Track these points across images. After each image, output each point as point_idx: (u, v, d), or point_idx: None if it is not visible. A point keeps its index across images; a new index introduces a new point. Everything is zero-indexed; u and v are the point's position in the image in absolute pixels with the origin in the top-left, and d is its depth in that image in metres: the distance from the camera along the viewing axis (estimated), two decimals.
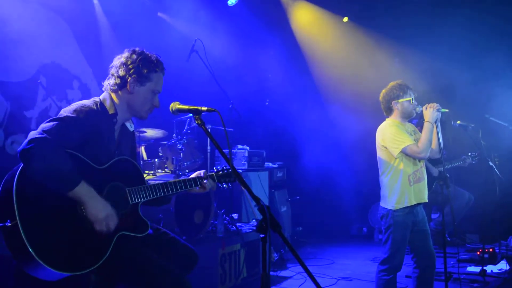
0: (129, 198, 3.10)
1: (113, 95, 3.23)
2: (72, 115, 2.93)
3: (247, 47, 9.33)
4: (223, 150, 2.73)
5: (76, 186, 2.77)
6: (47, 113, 6.46)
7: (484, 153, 6.71)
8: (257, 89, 9.39)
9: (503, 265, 6.94)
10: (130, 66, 3.18)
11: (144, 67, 3.19)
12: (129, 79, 3.17)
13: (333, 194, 9.78)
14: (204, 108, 2.92)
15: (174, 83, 5.62)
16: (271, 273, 6.81)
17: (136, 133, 5.82)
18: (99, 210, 2.86)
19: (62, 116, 2.91)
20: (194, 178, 3.43)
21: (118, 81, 3.19)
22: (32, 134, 2.74)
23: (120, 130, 3.31)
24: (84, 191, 2.81)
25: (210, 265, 5.80)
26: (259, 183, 8.02)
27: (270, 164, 8.60)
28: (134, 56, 3.20)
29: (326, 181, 9.70)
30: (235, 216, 6.88)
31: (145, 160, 6.14)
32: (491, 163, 6.72)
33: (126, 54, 3.24)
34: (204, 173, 3.49)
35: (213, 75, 6.85)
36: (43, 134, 2.74)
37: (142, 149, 6.32)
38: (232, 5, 8.78)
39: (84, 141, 2.96)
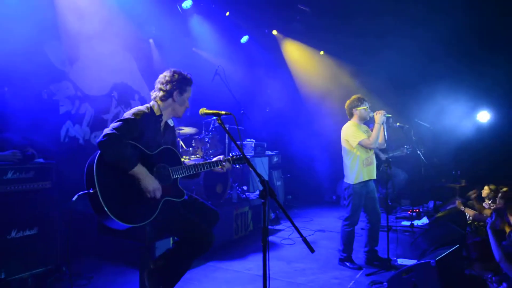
0: (171, 175, 3.12)
1: (159, 102, 3.24)
2: (132, 117, 2.97)
3: (255, 71, 9.34)
4: (237, 142, 2.77)
5: (135, 167, 2.83)
6: (118, 116, 6.50)
7: (414, 145, 6.74)
8: (261, 100, 9.39)
9: (425, 220, 7.03)
10: (174, 83, 3.21)
11: (183, 83, 3.23)
12: (174, 92, 3.21)
13: (313, 173, 9.80)
14: (223, 112, 2.94)
15: (203, 96, 5.65)
16: (269, 226, 6.89)
17: (176, 130, 5.87)
18: (150, 185, 2.89)
19: (126, 117, 2.95)
20: (216, 161, 3.43)
21: (165, 93, 3.21)
22: (106, 130, 2.79)
23: (164, 126, 3.32)
24: (139, 170, 2.86)
25: (227, 221, 5.88)
26: (262, 166, 8.05)
27: (269, 152, 8.62)
28: (176, 75, 3.23)
29: (309, 163, 9.73)
30: (245, 187, 6.92)
31: (183, 149, 6.18)
32: (418, 152, 6.74)
33: (169, 73, 3.25)
34: (223, 157, 3.51)
35: (230, 91, 6.88)
36: (113, 131, 2.78)
37: (181, 141, 6.37)
38: (244, 42, 8.81)
39: (140, 134, 2.99)
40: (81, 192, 2.77)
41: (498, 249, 3.79)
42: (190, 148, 6.14)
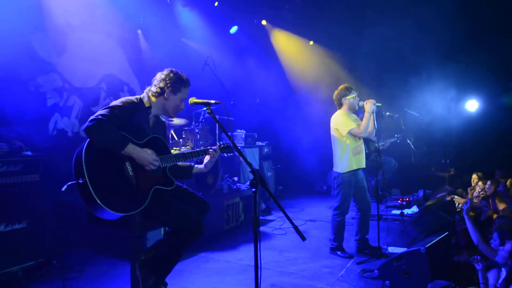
0: (160, 163, 3.09)
1: (152, 97, 3.20)
2: (119, 105, 2.95)
3: (244, 61, 9.29)
4: (227, 132, 2.76)
5: (126, 146, 2.83)
6: None
7: (404, 135, 6.79)
8: (250, 90, 9.35)
9: (414, 209, 7.09)
10: (168, 81, 3.16)
11: (177, 82, 3.18)
12: (166, 90, 3.17)
13: (303, 163, 9.79)
14: (212, 101, 2.96)
15: (192, 87, 5.61)
16: (260, 217, 6.91)
17: (167, 121, 5.83)
18: (145, 158, 2.91)
19: (113, 105, 2.93)
20: (201, 150, 3.42)
21: (158, 90, 3.16)
22: (91, 117, 2.78)
23: (154, 119, 3.29)
24: (132, 148, 2.87)
25: (219, 212, 5.89)
26: (252, 156, 8.02)
27: (260, 143, 8.58)
28: (172, 75, 3.18)
29: (299, 154, 9.73)
30: (235, 178, 6.91)
31: (173, 140, 6.16)
32: (408, 141, 6.81)
33: (165, 72, 3.21)
34: (210, 148, 3.50)
35: (219, 81, 6.83)
36: (99, 116, 2.77)
37: (172, 132, 6.34)
38: (233, 33, 8.75)
39: (127, 123, 2.95)
40: (70, 182, 2.75)
41: (476, 233, 3.88)
42: (181, 140, 6.11)
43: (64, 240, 4.34)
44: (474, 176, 6.60)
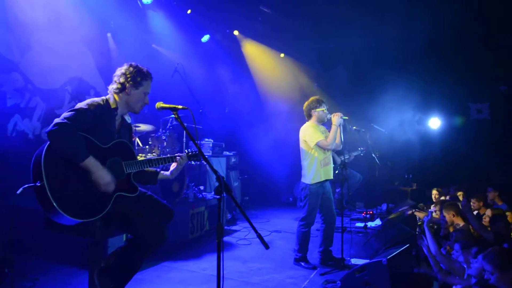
0: (124, 169, 3.01)
1: (115, 96, 3.11)
2: (85, 107, 2.84)
3: (215, 70, 9.28)
4: (194, 140, 2.72)
5: (86, 159, 2.69)
6: None
7: (369, 148, 6.92)
8: (220, 100, 9.34)
9: (377, 222, 7.22)
10: (128, 75, 3.07)
11: (138, 76, 3.09)
12: (127, 84, 3.07)
13: (270, 174, 9.79)
14: (179, 107, 2.88)
15: (161, 93, 5.52)
16: (225, 227, 6.85)
17: (133, 127, 5.70)
18: (101, 178, 2.77)
19: (78, 107, 2.82)
20: (168, 157, 3.32)
21: (119, 86, 3.07)
22: (56, 120, 2.66)
23: (121, 121, 3.18)
24: (91, 163, 2.72)
25: (183, 221, 5.79)
26: (219, 166, 7.95)
27: (227, 153, 8.54)
28: (131, 69, 3.10)
29: (265, 165, 9.71)
30: (201, 187, 6.83)
31: (139, 147, 6.02)
32: (373, 155, 6.94)
33: (125, 66, 3.13)
34: (178, 155, 3.43)
35: (189, 89, 6.77)
36: (64, 120, 2.65)
37: (137, 139, 6.20)
38: (205, 41, 8.72)
39: (93, 126, 2.85)
40: (27, 185, 2.62)
41: (434, 243, 3.97)
42: (147, 146, 5.99)
43: (17, 246, 4.14)
44: (435, 192, 6.79)
